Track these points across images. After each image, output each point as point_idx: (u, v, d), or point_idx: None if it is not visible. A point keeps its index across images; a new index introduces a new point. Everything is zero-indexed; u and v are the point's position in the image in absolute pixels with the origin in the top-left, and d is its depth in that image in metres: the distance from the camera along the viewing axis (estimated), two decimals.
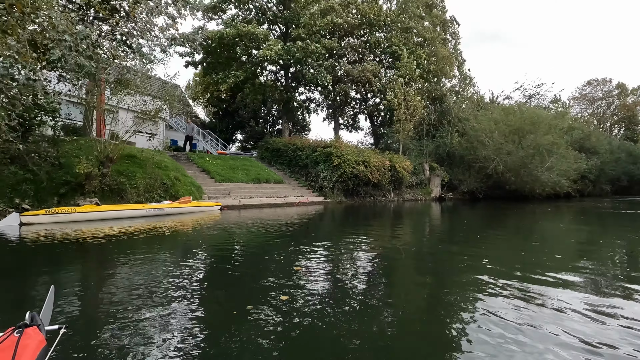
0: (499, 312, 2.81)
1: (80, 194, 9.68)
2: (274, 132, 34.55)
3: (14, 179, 8.94)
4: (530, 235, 7.76)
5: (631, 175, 38.83)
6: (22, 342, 1.42)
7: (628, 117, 50.27)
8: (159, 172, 12.09)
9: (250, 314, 2.74)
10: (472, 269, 4.32)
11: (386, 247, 6.06)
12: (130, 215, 9.23)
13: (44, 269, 4.30)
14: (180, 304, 2.98)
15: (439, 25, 30.69)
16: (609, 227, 9.70)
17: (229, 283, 3.67)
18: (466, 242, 6.81)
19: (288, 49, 20.27)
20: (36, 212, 7.70)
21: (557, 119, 27.26)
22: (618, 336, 2.40)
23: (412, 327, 2.66)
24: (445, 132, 27.07)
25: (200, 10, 21.38)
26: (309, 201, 16.56)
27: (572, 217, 12.53)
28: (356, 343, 2.29)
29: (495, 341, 2.30)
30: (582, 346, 2.25)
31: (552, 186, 24.07)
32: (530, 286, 3.52)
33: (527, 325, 2.54)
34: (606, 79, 50.41)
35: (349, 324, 2.60)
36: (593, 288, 3.52)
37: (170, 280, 3.71)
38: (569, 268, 4.37)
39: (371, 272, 4.25)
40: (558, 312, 2.83)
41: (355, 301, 3.12)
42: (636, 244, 6.59)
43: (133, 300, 3.04)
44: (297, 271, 4.05)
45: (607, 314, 2.80)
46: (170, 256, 5.13)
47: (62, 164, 10.16)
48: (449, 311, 2.92)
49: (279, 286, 3.49)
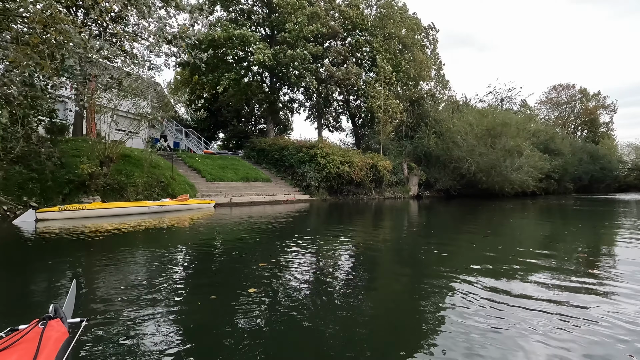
0: (469, 300, 2.96)
1: (83, 192, 10.23)
2: (257, 131, 35.06)
3: (20, 178, 9.41)
4: (495, 229, 9.02)
5: (592, 175, 41.94)
6: (46, 334, 1.47)
7: (590, 120, 53.98)
8: (155, 171, 12.70)
9: (253, 296, 3.04)
10: (444, 259, 4.81)
11: (368, 241, 6.79)
12: (134, 212, 9.89)
13: (61, 263, 4.63)
14: (191, 294, 3.16)
15: (417, 32, 32.23)
16: (562, 220, 11.18)
17: (232, 269, 4.54)
18: (439, 236, 7.96)
19: (276, 54, 21.03)
20: (50, 209, 8.28)
21: (524, 122, 29.43)
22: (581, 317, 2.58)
23: (388, 315, 2.80)
24: (422, 134, 28.60)
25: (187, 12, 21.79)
26: (296, 199, 17.49)
27: (534, 213, 14.06)
28: (335, 329, 2.43)
29: (466, 328, 2.40)
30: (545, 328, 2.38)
31: (520, 185, 26.07)
32: (495, 275, 3.73)
33: (495, 315, 2.63)
34: (570, 84, 53.98)
35: (328, 311, 2.75)
36: (554, 275, 3.75)
37: (181, 271, 4.08)
38: (530, 257, 4.69)
39: (352, 263, 4.59)
40: (522, 298, 3.01)
41: (335, 290, 3.31)
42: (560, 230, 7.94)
43: (145, 292, 3.18)
44: (261, 266, 4.16)
45: (566, 300, 2.98)
46: (176, 250, 5.53)
47: (64, 163, 10.65)
48: (425, 298, 3.10)
49: (270, 274, 3.79)
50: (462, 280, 3.58)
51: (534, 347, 2.14)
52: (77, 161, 10.82)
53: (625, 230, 7.91)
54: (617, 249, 5.71)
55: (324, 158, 19.32)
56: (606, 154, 46.05)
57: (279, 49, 21.87)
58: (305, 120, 40.12)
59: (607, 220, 10.34)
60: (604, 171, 44.08)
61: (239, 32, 19.94)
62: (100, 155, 10.67)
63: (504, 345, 2.14)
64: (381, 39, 28.33)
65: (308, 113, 33.33)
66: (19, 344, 1.37)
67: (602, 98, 54.53)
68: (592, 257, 4.90)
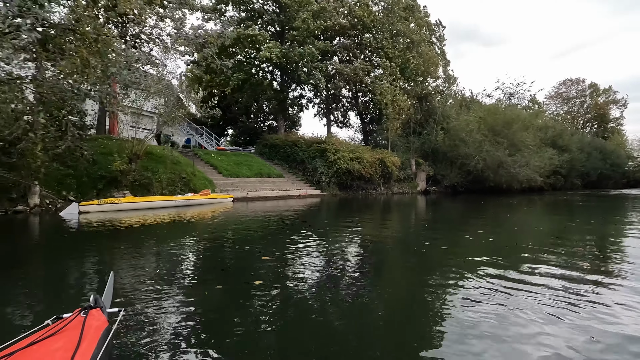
0: (476, 291, 3.05)
1: (114, 187, 11.05)
2: (266, 127, 35.74)
3: (59, 174, 10.25)
4: (500, 224, 9.59)
5: (600, 171, 41.87)
6: (88, 322, 1.55)
7: (600, 115, 53.61)
8: (177, 167, 13.49)
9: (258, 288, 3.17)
10: (448, 251, 5.15)
11: (377, 233, 7.13)
12: (163, 205, 10.70)
13: (102, 252, 5.10)
14: (212, 283, 3.36)
15: (425, 28, 32.49)
16: (560, 215, 11.71)
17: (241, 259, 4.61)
18: (444, 229, 8.60)
19: (286, 53, 21.63)
20: (90, 202, 9.11)
21: (532, 118, 29.68)
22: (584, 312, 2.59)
23: (398, 305, 2.90)
24: (430, 130, 29.02)
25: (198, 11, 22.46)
26: (308, 194, 18.21)
27: (535, 208, 14.57)
28: (344, 315, 2.58)
29: (474, 319, 2.44)
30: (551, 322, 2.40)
31: (527, 181, 26.41)
32: (501, 267, 3.84)
33: (500, 304, 2.72)
34: (580, 79, 53.57)
35: (340, 297, 2.94)
36: (563, 269, 3.79)
37: (204, 261, 4.42)
38: (537, 251, 4.83)
39: (362, 255, 4.83)
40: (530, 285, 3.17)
41: (347, 280, 3.49)
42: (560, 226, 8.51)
43: (169, 282, 3.37)
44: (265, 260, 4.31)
45: (575, 291, 3.03)
46: (200, 241, 5.94)
47: (95, 160, 11.48)
48: (433, 291, 3.21)
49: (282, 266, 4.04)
50: (466, 269, 3.76)
51: (544, 329, 2.27)
52: (106, 158, 11.65)
53: (621, 225, 8.47)
54: (609, 242, 6.30)
55: (334, 154, 19.97)
56: (615, 149, 45.85)
57: (289, 46, 22.47)
58: (314, 117, 40.75)
59: (606, 215, 10.85)
60: (613, 167, 43.95)
61: (248, 32, 20.53)
62: (129, 153, 11.47)
63: (510, 330, 2.25)
64: (388, 35, 28.67)
65: (317, 109, 33.95)
66: (64, 331, 1.48)
67: (612, 93, 54.09)
68: (579, 247, 5.51)
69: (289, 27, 24.42)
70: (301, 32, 23.09)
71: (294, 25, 23.17)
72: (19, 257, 4.91)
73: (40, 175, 9.38)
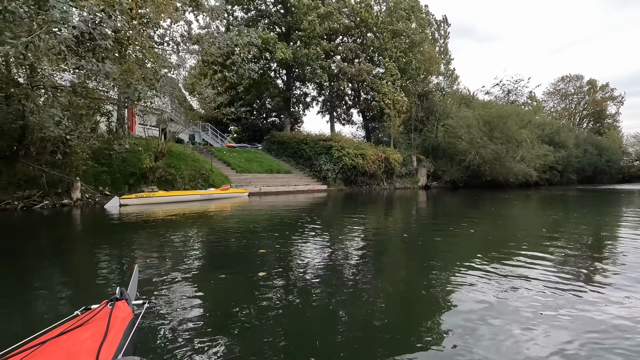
0: (477, 282, 3.14)
1: (143, 183, 12.07)
2: (268, 124, 36.67)
3: (94, 171, 11.28)
4: (496, 218, 10.66)
5: (595, 166, 42.99)
6: (114, 314, 1.62)
7: (597, 111, 54.60)
8: (196, 164, 14.52)
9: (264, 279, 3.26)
10: (446, 242, 5.45)
11: (380, 225, 7.58)
12: (189, 199, 11.75)
13: (141, 241, 5.51)
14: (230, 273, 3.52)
15: (427, 26, 33.32)
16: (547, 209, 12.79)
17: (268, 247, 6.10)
18: (447, 223, 9.65)
19: (295, 54, 22.53)
20: (129, 196, 10.15)
21: (527, 115, 30.73)
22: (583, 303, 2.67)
23: (400, 294, 3.03)
24: (431, 127, 30.03)
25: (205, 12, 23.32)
26: (315, 189, 19.26)
27: (527, 203, 15.63)
28: (347, 304, 2.68)
29: (475, 310, 2.52)
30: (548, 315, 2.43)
31: (523, 176, 27.52)
32: (499, 260, 3.97)
33: (501, 297, 2.79)
34: (578, 75, 54.47)
35: (345, 286, 3.11)
36: (558, 263, 3.91)
37: (224, 252, 4.68)
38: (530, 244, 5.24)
39: (366, 247, 5.10)
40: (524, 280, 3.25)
41: (351, 270, 3.65)
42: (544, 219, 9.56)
43: (191, 270, 3.56)
44: (262, 253, 4.45)
45: (570, 287, 3.09)
46: (222, 232, 6.40)
47: (125, 158, 12.49)
48: (432, 277, 3.38)
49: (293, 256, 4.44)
50: (464, 259, 4.00)
51: (536, 317, 2.40)
52: (133, 156, 12.65)
53: (605, 218, 9.54)
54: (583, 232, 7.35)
55: (340, 151, 20.99)
56: (611, 145, 46.93)
57: (297, 47, 23.38)
58: (317, 114, 41.67)
59: (591, 208, 11.93)
60: (609, 163, 45.08)
61: (262, 34, 21.38)
62: (155, 151, 12.48)
63: (509, 318, 2.39)
64: (390, 35, 29.51)
65: (320, 107, 34.90)
66: (92, 322, 1.54)
67: (610, 90, 55.05)
68: (555, 235, 6.56)
69: (295, 29, 25.29)
70: (307, 33, 23.97)
71: (301, 27, 24.03)
72: (76, 244, 5.69)
73: (80, 172, 10.41)
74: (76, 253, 4.94)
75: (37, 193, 9.33)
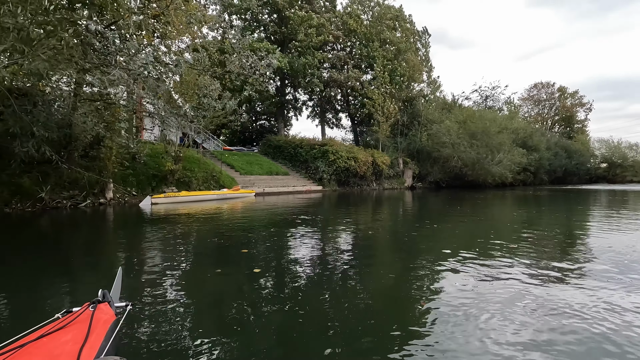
0: (458, 276, 3.38)
1: (164, 184, 13.41)
2: (258, 126, 37.99)
3: (122, 173, 12.55)
4: (475, 215, 12.52)
5: (565, 168, 46.38)
6: (96, 316, 1.62)
7: (567, 117, 58.44)
8: (206, 167, 15.90)
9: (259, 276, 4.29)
10: (433, 239, 6.25)
11: (371, 222, 8.72)
12: (207, 198, 13.18)
13: (167, 238, 6.57)
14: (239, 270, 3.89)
15: (411, 36, 35.46)
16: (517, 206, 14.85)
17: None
18: (430, 220, 11.47)
19: (292, 63, 24.09)
20: (159, 196, 11.51)
21: (504, 121, 33.38)
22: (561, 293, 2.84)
23: (387, 287, 3.20)
24: (415, 132, 32.17)
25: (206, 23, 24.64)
26: (312, 189, 20.89)
27: (500, 200, 17.72)
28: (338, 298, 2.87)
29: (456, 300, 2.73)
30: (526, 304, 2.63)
31: (500, 177, 30.00)
32: (479, 254, 4.25)
33: (480, 286, 3.03)
34: (550, 82, 58.16)
35: (332, 283, 3.27)
36: (532, 256, 4.19)
37: (241, 244, 6.02)
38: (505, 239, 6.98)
39: (357, 243, 5.59)
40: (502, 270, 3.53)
41: (342, 265, 3.93)
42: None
43: (193, 270, 3.70)
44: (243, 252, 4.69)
45: (549, 276, 3.37)
46: (236, 229, 7.68)
47: (145, 162, 13.78)
48: (417, 272, 3.62)
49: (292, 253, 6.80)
50: (443, 254, 4.31)
51: (516, 310, 2.55)
52: (153, 160, 13.95)
53: (563, 212, 11.57)
54: (543, 223, 9.25)
55: (334, 154, 22.71)
56: (579, 148, 50.54)
57: (292, 56, 24.97)
58: (307, 119, 43.27)
59: (553, 205, 14.04)
60: (577, 165, 48.63)
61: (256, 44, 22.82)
62: (174, 155, 13.83)
63: (489, 311, 2.53)
64: (377, 44, 31.42)
65: (309, 112, 36.54)
66: (73, 324, 1.53)
67: (579, 97, 59.02)
68: (517, 226, 8.42)
69: (290, 39, 26.86)
70: (302, 44, 25.59)
71: (297, 37, 25.61)
72: (122, 240, 7.14)
73: (111, 175, 11.69)
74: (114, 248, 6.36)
75: (80, 194, 10.59)
